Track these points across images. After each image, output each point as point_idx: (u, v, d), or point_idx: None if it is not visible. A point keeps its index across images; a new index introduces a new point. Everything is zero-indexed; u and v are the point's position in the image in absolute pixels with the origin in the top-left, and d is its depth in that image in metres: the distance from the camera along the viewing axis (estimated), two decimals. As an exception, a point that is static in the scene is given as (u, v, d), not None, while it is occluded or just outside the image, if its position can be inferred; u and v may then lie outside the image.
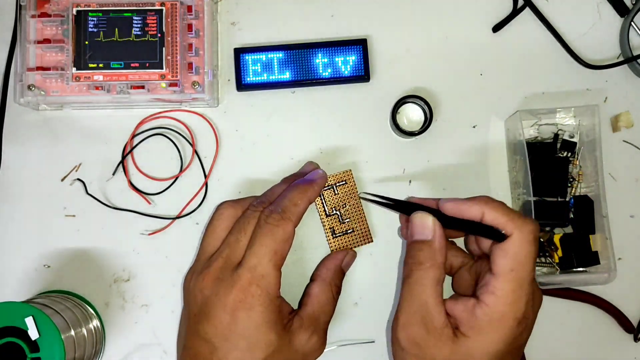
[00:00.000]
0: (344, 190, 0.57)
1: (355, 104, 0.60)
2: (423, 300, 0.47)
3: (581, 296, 0.58)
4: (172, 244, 0.59)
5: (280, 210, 0.50)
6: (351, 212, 0.57)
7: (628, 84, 0.60)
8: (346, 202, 0.57)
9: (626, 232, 0.59)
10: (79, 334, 0.53)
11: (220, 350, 0.47)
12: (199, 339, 0.48)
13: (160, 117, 0.60)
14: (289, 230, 0.49)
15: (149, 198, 0.59)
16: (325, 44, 0.59)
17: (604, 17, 0.61)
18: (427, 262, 0.48)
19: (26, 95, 0.57)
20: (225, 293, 0.48)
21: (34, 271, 0.58)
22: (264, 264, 0.48)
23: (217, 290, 0.48)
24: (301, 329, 0.50)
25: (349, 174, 0.57)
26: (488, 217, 0.48)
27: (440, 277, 0.48)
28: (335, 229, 0.57)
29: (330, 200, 0.57)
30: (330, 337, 0.54)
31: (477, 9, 0.61)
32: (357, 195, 0.57)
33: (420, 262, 0.49)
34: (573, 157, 0.58)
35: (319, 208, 0.57)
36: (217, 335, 0.48)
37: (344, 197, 0.57)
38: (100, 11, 0.57)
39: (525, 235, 0.46)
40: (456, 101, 0.60)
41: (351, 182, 0.57)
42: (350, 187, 0.57)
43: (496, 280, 0.46)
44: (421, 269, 0.48)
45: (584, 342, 0.59)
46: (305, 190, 0.52)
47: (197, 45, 0.58)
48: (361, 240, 0.57)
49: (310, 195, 0.52)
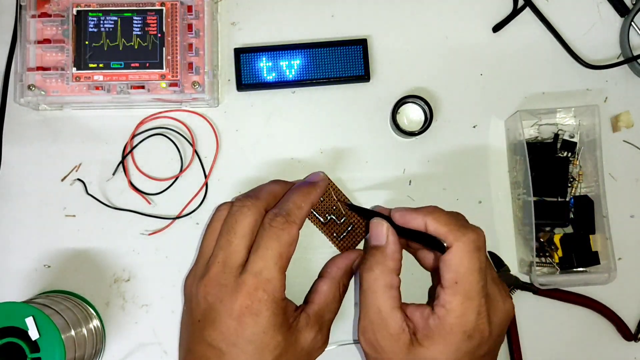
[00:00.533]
0: (325, 195, 0.57)
1: (355, 104, 0.60)
2: (376, 306, 0.48)
3: (578, 300, 0.58)
4: (172, 244, 0.59)
5: (285, 213, 0.49)
6: (342, 209, 0.57)
7: (628, 84, 0.60)
8: (333, 203, 0.57)
9: (626, 232, 0.59)
10: (79, 334, 0.53)
11: (227, 355, 0.47)
12: (204, 344, 0.48)
13: (160, 117, 0.60)
14: (293, 234, 0.49)
15: (149, 198, 0.59)
16: (325, 44, 0.59)
17: (604, 17, 0.61)
18: (378, 267, 0.48)
19: (26, 95, 0.57)
20: (231, 300, 0.47)
21: (34, 271, 0.58)
22: (270, 267, 0.47)
23: (221, 296, 0.48)
24: (307, 327, 0.50)
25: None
26: (430, 227, 0.47)
27: (392, 282, 0.48)
28: (336, 232, 0.57)
29: (319, 209, 0.57)
30: (330, 337, 0.54)
31: (477, 9, 0.61)
32: (339, 192, 0.57)
33: (370, 267, 0.49)
34: (573, 157, 0.58)
35: (314, 222, 0.57)
36: (224, 340, 0.47)
37: (329, 201, 0.57)
38: (100, 11, 0.57)
39: (465, 246, 0.45)
40: (456, 101, 0.60)
41: None
42: (329, 189, 0.57)
43: (444, 293, 0.46)
44: (372, 275, 0.48)
45: (582, 345, 0.59)
46: (308, 192, 0.52)
47: (197, 45, 0.58)
48: (364, 231, 0.57)
49: (313, 198, 0.52)
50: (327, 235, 0.57)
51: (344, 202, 0.57)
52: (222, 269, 0.48)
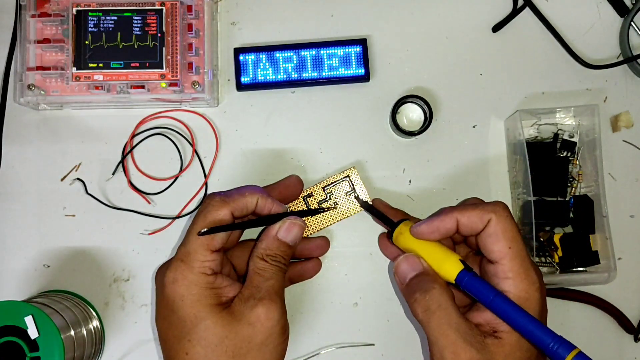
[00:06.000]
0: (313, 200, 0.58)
1: (355, 104, 0.60)
2: (452, 352, 0.45)
3: (581, 297, 0.58)
4: (172, 243, 0.59)
5: (224, 194, 0.50)
6: (329, 191, 0.58)
7: (628, 84, 0.60)
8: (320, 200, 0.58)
9: (626, 232, 0.59)
10: (78, 333, 0.53)
11: (161, 320, 0.49)
12: (158, 321, 0.49)
13: (160, 117, 0.60)
14: (222, 214, 0.49)
15: (148, 198, 0.59)
16: (325, 44, 0.59)
17: (604, 17, 0.61)
18: (433, 303, 0.46)
19: (26, 95, 0.58)
20: (163, 272, 0.48)
21: (33, 271, 0.58)
22: (192, 241, 0.48)
23: (162, 271, 0.49)
24: (241, 305, 0.47)
25: (353, 170, 0.58)
26: (463, 220, 0.48)
27: (455, 314, 0.46)
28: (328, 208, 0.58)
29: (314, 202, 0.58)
30: (328, 339, 0.54)
31: (477, 9, 0.61)
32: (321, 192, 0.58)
33: (427, 308, 0.46)
34: (573, 157, 0.58)
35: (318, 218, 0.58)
36: (159, 317, 0.49)
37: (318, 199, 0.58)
38: (100, 11, 0.57)
39: (503, 215, 0.47)
40: (456, 101, 0.60)
41: None
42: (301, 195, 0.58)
43: (502, 265, 0.46)
44: (435, 319, 0.46)
45: (584, 342, 0.58)
46: (261, 191, 0.51)
47: (197, 45, 0.58)
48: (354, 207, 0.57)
49: (260, 194, 0.51)
50: (331, 218, 0.57)
51: (358, 197, 0.57)
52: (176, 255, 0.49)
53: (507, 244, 0.46)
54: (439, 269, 0.48)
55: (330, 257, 0.58)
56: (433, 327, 0.46)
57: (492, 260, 0.47)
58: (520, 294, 0.45)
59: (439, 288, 0.47)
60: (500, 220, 0.47)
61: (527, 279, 0.46)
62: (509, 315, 0.44)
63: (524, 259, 0.46)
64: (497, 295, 0.45)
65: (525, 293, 0.45)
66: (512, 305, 0.44)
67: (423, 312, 0.46)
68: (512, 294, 0.45)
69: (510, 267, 0.46)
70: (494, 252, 0.47)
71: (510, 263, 0.46)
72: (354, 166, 0.58)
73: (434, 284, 0.47)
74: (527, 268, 0.46)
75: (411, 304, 0.48)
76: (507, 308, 0.44)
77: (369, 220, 0.58)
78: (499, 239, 0.46)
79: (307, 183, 0.58)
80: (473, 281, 0.46)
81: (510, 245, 0.46)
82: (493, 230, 0.47)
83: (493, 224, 0.47)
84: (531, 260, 0.47)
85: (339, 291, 0.58)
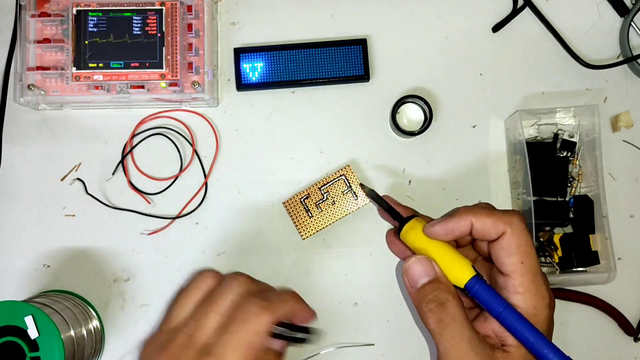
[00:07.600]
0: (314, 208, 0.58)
1: (355, 104, 0.60)
2: (466, 335, 0.45)
3: (581, 297, 0.58)
4: (172, 243, 0.59)
5: (267, 298, 0.44)
6: (325, 191, 0.58)
7: (628, 84, 0.60)
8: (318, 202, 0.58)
9: (626, 232, 0.59)
10: (78, 333, 0.53)
11: None
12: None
13: (160, 117, 0.60)
14: (267, 323, 0.43)
15: (148, 198, 0.59)
16: (325, 44, 0.59)
17: (604, 17, 0.61)
18: (447, 316, 0.45)
19: (26, 95, 0.57)
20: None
21: (33, 271, 0.58)
22: (234, 357, 0.42)
23: None
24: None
25: (348, 169, 0.58)
26: (477, 225, 0.47)
27: (467, 327, 0.45)
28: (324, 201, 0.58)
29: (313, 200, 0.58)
30: (328, 339, 0.54)
31: (477, 9, 0.61)
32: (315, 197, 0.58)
33: (441, 320, 0.45)
34: (573, 157, 0.58)
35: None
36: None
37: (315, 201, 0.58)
38: (100, 11, 0.57)
39: (518, 228, 0.46)
40: (456, 101, 0.60)
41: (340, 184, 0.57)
42: None
43: (512, 279, 0.45)
44: (448, 332, 0.45)
45: (583, 343, 0.59)
46: (298, 299, 0.47)
47: (197, 45, 0.58)
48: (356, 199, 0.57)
49: (301, 305, 0.47)
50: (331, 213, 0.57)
51: (363, 185, 0.56)
52: (187, 342, 0.43)
53: (520, 259, 0.45)
54: (448, 272, 0.47)
55: (330, 257, 0.58)
56: (446, 338, 0.45)
57: (503, 272, 0.46)
58: (529, 310, 0.45)
59: (453, 300, 0.46)
60: (514, 234, 0.46)
61: (537, 294, 0.45)
62: (517, 330, 0.44)
63: (535, 274, 0.45)
64: (507, 307, 0.44)
65: (534, 309, 0.45)
66: (521, 320, 0.44)
67: (436, 323, 0.46)
68: (520, 309, 0.45)
69: (521, 282, 0.45)
70: (505, 265, 0.46)
71: (521, 278, 0.45)
72: (349, 164, 0.58)
73: (448, 296, 0.46)
74: (538, 284, 0.45)
75: (423, 312, 0.47)
76: (515, 322, 0.44)
77: (369, 221, 0.58)
78: (512, 253, 0.46)
79: (307, 183, 0.58)
80: (483, 290, 0.46)
81: (523, 261, 0.45)
82: (507, 244, 0.46)
83: (507, 237, 0.46)
84: (543, 275, 0.46)
85: (339, 291, 0.58)
